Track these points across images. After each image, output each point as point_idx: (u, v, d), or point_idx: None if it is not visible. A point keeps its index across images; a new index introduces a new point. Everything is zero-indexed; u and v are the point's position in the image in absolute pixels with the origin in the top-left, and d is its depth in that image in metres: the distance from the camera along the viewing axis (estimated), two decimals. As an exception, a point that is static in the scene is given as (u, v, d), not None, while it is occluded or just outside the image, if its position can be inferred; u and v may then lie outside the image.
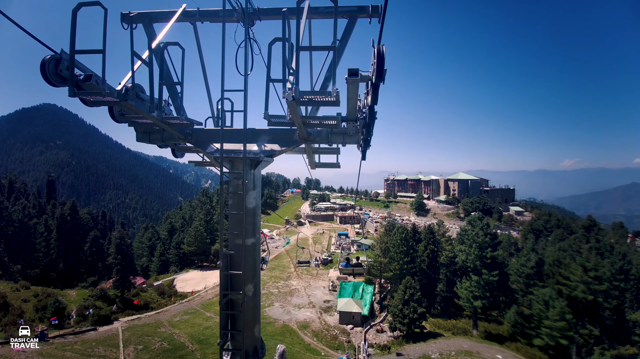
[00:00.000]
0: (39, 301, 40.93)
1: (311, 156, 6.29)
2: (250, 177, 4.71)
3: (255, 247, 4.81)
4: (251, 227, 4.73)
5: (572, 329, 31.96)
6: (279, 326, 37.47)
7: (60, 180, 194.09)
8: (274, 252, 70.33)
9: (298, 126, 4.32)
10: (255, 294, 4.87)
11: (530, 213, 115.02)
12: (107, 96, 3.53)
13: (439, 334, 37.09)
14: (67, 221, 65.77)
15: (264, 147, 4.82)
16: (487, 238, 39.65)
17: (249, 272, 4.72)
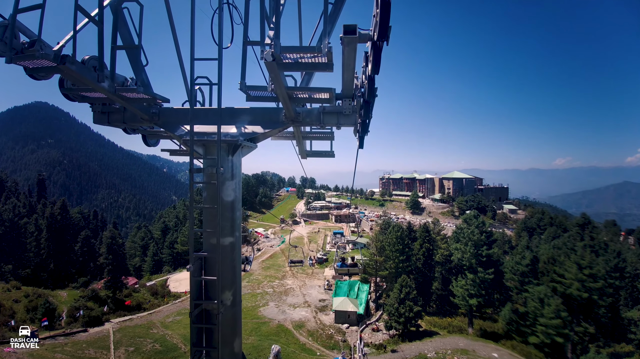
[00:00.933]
0: (30, 302, 40.14)
1: (301, 142, 5.58)
2: (227, 165, 4.00)
3: (234, 247, 4.13)
4: (229, 224, 4.03)
5: (567, 327, 31.99)
6: (273, 326, 37.03)
7: (52, 179, 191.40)
8: (269, 252, 69.82)
9: (283, 101, 3.67)
10: (234, 303, 4.21)
11: (523, 211, 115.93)
12: (42, 58, 2.84)
13: (434, 332, 36.94)
14: (57, 221, 64.54)
15: (244, 130, 4.14)
16: (483, 236, 39.59)
17: (227, 277, 4.05)
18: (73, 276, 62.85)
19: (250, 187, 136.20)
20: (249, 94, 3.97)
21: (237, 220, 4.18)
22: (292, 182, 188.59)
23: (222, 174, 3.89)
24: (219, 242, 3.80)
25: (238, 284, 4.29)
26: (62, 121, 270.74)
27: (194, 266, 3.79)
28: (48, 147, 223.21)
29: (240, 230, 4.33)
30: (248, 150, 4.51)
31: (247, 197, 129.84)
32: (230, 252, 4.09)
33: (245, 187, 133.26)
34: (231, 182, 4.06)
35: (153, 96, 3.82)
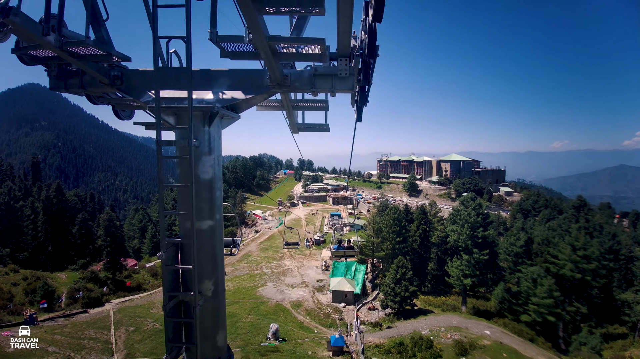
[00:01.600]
0: (29, 285, 40.31)
1: (291, 113, 5.00)
2: (202, 137, 3.48)
3: (214, 232, 3.69)
4: (207, 205, 3.57)
5: (559, 306, 32.84)
6: (272, 305, 37.75)
7: (47, 162, 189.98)
8: (267, 233, 70.42)
9: (265, 57, 3.10)
10: (216, 293, 3.77)
11: (519, 194, 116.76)
12: None
13: (429, 311, 37.86)
14: (53, 203, 64.34)
15: (222, 95, 3.62)
16: (479, 218, 39.93)
17: (206, 265, 3.63)
18: (72, 258, 63.22)
19: (247, 170, 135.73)
20: (223, 47, 3.47)
21: (217, 201, 3.70)
22: (290, 164, 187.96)
23: (196, 147, 3.41)
24: (193, 226, 3.27)
25: (220, 273, 3.85)
26: (54, 102, 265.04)
27: (166, 253, 3.34)
28: (42, 130, 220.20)
29: (222, 212, 3.90)
30: (229, 121, 3.97)
31: (244, 180, 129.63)
32: (210, 238, 3.64)
33: (243, 170, 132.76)
34: (208, 158, 3.55)
35: (107, 51, 3.22)
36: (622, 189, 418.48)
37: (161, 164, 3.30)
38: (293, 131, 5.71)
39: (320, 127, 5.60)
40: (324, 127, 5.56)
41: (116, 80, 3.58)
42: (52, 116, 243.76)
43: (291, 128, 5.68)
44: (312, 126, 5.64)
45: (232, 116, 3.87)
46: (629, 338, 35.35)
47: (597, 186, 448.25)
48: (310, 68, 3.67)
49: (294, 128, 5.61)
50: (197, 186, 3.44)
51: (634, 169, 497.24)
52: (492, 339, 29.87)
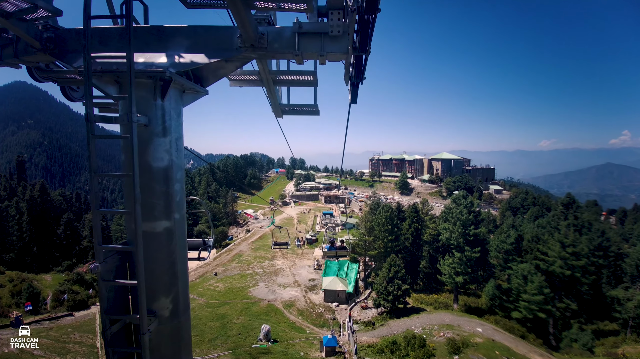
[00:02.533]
0: (14, 286, 39.23)
1: (272, 89, 4.17)
2: (154, 113, 2.71)
3: (172, 235, 2.88)
4: (162, 201, 2.79)
5: (549, 303, 33.10)
6: (263, 305, 37.21)
7: (33, 161, 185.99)
8: (259, 233, 69.73)
9: (233, 6, 2.44)
10: (176, 312, 2.95)
11: (508, 192, 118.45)
12: None
13: (421, 309, 37.85)
14: (38, 203, 62.55)
15: (179, 59, 2.80)
16: (471, 216, 40.07)
17: (161, 277, 2.85)
18: (57, 260, 61.55)
19: (238, 169, 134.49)
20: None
21: (177, 196, 2.91)
22: (282, 163, 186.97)
23: (145, 126, 2.66)
24: (137, 229, 2.46)
25: (182, 287, 3.03)
26: (41, 100, 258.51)
27: (103, 264, 2.52)
28: (28, 128, 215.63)
29: (184, 211, 3.09)
30: (193, 96, 3.21)
31: (235, 179, 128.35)
32: (166, 242, 2.85)
33: (234, 169, 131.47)
34: (163, 140, 2.76)
35: (33, 2, 2.43)
36: (608, 186, 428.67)
37: (93, 145, 2.62)
38: (276, 113, 4.87)
39: (308, 110, 4.77)
40: (312, 109, 4.72)
41: (49, 43, 2.79)
42: (38, 114, 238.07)
43: (274, 110, 4.81)
44: (298, 107, 4.80)
45: (197, 89, 3.12)
46: (621, 335, 35.85)
47: (583, 184, 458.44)
48: (293, 25, 2.96)
49: (277, 110, 4.78)
50: (146, 176, 2.70)
51: (620, 167, 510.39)
52: (484, 336, 29.95)
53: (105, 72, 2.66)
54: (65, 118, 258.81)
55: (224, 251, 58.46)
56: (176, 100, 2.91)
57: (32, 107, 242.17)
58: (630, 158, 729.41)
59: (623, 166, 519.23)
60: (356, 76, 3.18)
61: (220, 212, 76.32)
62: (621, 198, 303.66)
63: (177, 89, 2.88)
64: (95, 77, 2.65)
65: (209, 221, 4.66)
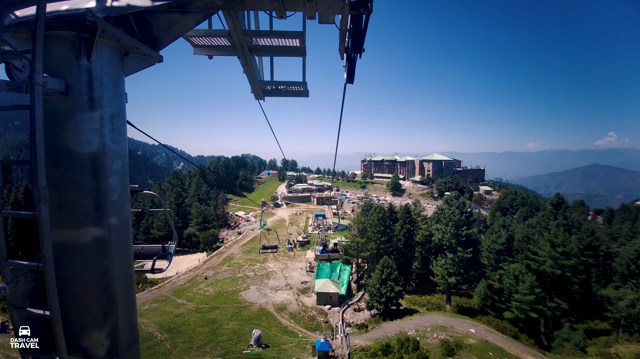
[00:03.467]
0: (0, 292, 37.84)
1: (248, 58, 3.40)
2: (77, 77, 1.94)
3: (106, 246, 2.08)
4: (89, 201, 2.00)
5: (540, 303, 33.25)
6: (255, 309, 36.50)
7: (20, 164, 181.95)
8: (250, 235, 68.82)
9: None
10: (115, 350, 2.17)
11: (497, 192, 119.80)
12: None
13: (414, 310, 37.66)
14: (22, 207, 60.56)
15: (112, 2, 2.10)
16: (463, 217, 40.17)
17: (91, 306, 2.08)
18: (41, 265, 59.83)
19: (230, 170, 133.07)
20: None
21: (113, 193, 2.13)
22: (274, 164, 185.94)
23: (63, 95, 1.89)
24: (43, 238, 1.71)
25: (124, 315, 2.23)
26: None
27: (12, 286, 1.87)
28: (15, 130, 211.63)
29: (127, 213, 2.30)
30: (138, 61, 2.44)
31: (227, 180, 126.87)
32: (97, 258, 2.05)
33: (225, 170, 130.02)
34: (90, 116, 1.98)
35: None
36: (594, 187, 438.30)
37: None
38: (256, 94, 4.10)
39: (295, 89, 4.02)
40: (299, 89, 3.98)
41: None
42: (24, 115, 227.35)
43: (253, 89, 4.05)
44: (283, 86, 4.04)
45: (143, 51, 2.32)
46: (613, 334, 36.19)
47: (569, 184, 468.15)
48: None
49: (256, 89, 4.01)
50: (64, 165, 1.95)
51: (606, 168, 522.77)
52: (478, 337, 29.89)
53: (20, 25, 1.94)
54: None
55: (215, 254, 57.45)
56: (112, 63, 2.14)
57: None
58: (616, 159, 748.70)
59: (609, 167, 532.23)
60: (353, 46, 2.55)
61: (211, 215, 75.09)
62: (607, 198, 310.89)
63: (113, 47, 2.14)
64: (10, 32, 2.00)
65: (170, 222, 3.54)
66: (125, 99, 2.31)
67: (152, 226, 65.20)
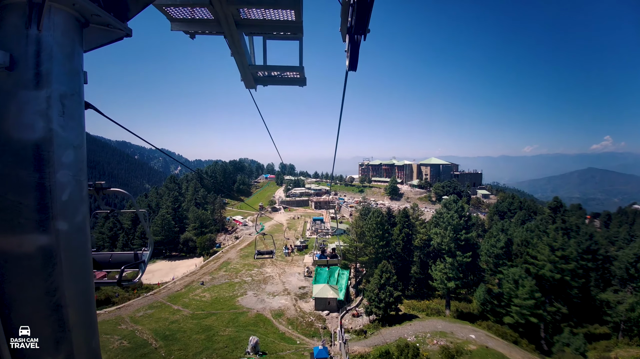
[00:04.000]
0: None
1: (236, 37, 2.98)
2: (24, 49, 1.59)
3: (53, 258, 1.64)
4: (30, 201, 1.58)
5: (540, 307, 32.95)
6: (252, 315, 35.95)
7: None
8: (248, 240, 68.23)
9: None
10: None
11: (495, 196, 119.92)
12: None
13: (413, 316, 37.22)
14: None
15: None
16: (462, 221, 39.91)
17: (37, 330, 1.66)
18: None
19: (227, 175, 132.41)
20: None
21: (62, 193, 1.69)
22: (271, 169, 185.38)
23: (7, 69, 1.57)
24: None
25: (81, 340, 1.77)
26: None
27: None
28: None
29: (82, 216, 1.82)
30: (102, 33, 2.03)
31: (224, 185, 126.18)
32: (42, 272, 1.63)
33: (223, 174, 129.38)
34: (35, 95, 1.62)
35: None
36: (591, 191, 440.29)
37: None
38: (247, 82, 3.62)
39: (291, 76, 3.57)
40: (295, 75, 3.53)
41: None
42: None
43: (243, 76, 3.54)
44: (277, 72, 3.58)
45: (106, 20, 1.95)
46: (613, 338, 35.92)
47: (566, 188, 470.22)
48: None
49: (246, 76, 3.54)
50: (1, 154, 1.59)
51: (602, 172, 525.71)
52: (478, 343, 29.50)
53: None
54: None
55: (212, 259, 56.83)
56: (66, 32, 1.76)
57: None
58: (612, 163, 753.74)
59: (605, 171, 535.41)
60: (357, 25, 2.17)
61: (208, 219, 74.46)
62: (604, 202, 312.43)
63: (69, 13, 1.79)
64: None
65: (143, 224, 2.97)
66: (83, 77, 1.91)
67: (148, 231, 64.41)
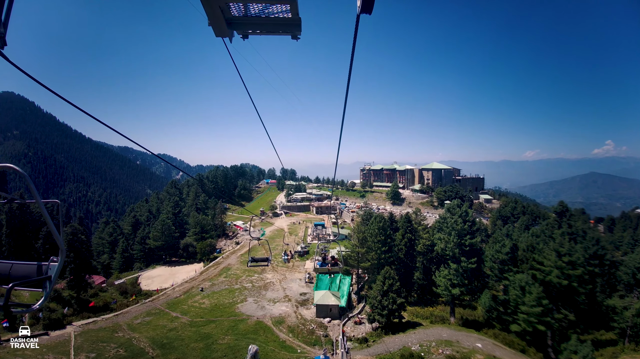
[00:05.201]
0: (-7, 301, 36.57)
1: None
2: None
3: None
4: None
5: (548, 314, 32.06)
6: (252, 322, 35.18)
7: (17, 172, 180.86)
8: (247, 246, 67.54)
9: None
10: None
11: (498, 201, 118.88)
12: None
13: (417, 323, 36.34)
14: (16, 216, 59.66)
15: None
16: (466, 225, 39.14)
17: None
18: (34, 276, 58.52)
19: (228, 180, 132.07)
20: None
21: None
22: (272, 174, 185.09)
23: None
24: None
25: None
26: (27, 110, 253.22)
27: None
28: (14, 139, 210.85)
29: None
30: None
31: (225, 190, 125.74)
32: None
33: (224, 180, 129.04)
34: None
35: None
36: (593, 195, 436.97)
37: None
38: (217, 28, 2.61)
39: (278, 19, 2.67)
40: (286, 17, 2.64)
41: None
42: (24, 124, 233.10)
43: (211, 18, 2.52)
44: (257, 14, 2.66)
45: None
46: (619, 345, 34.96)
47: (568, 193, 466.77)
48: None
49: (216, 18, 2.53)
50: None
51: (604, 176, 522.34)
52: (485, 353, 28.62)
53: None
54: (52, 129, 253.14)
55: (212, 265, 56.14)
56: None
57: (18, 117, 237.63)
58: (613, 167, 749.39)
59: (607, 175, 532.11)
60: None
61: (209, 225, 73.85)
62: (606, 206, 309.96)
63: None
64: None
65: (47, 221, 2.23)
66: None
67: (148, 236, 63.80)
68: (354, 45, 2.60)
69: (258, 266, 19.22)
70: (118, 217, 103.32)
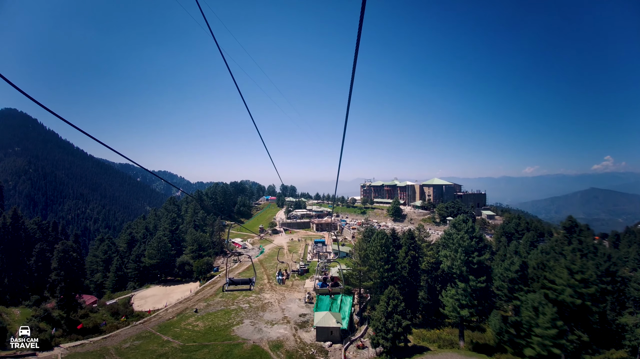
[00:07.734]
0: (-17, 319, 34.84)
1: None
2: None
3: None
4: None
5: (563, 336, 30.06)
6: (247, 347, 33.05)
7: (17, 189, 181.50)
8: (247, 263, 65.52)
9: None
10: None
11: (500, 217, 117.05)
12: None
13: (424, 348, 34.17)
14: (9, 232, 58.11)
15: None
16: (473, 242, 37.48)
17: None
18: (27, 293, 56.21)
19: (228, 196, 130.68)
20: None
21: None
22: (272, 190, 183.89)
23: None
24: None
25: None
26: (29, 127, 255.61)
27: None
28: (15, 156, 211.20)
29: None
30: None
31: (224, 206, 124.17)
32: None
33: (223, 196, 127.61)
34: None
35: None
36: (594, 211, 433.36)
37: None
38: None
39: None
40: None
41: None
42: (26, 141, 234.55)
43: None
44: None
45: None
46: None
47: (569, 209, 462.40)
48: None
49: None
50: None
51: (605, 192, 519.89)
52: (498, 380, 26.52)
53: None
54: (53, 146, 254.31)
55: (208, 284, 54.09)
56: None
57: (20, 134, 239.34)
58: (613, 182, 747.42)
59: (608, 191, 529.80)
60: None
61: (206, 242, 71.99)
62: (608, 222, 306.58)
63: None
64: None
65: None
66: None
67: (143, 254, 61.93)
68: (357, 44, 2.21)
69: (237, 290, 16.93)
70: (115, 235, 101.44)
